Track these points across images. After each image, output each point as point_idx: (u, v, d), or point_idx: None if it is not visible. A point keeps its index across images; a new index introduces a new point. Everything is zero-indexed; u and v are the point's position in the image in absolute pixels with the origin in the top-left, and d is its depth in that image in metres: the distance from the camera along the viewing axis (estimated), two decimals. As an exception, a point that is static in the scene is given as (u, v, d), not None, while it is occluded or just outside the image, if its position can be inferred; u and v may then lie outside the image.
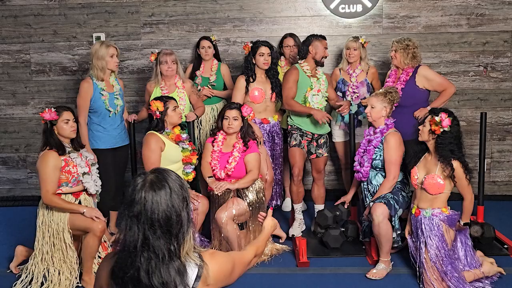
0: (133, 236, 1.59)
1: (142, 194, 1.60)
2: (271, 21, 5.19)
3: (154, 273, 1.56)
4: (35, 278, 3.42)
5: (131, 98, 5.20)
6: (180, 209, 1.62)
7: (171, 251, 1.59)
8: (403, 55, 4.15)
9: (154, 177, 1.64)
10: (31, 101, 5.38)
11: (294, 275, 3.62)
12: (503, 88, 5.15)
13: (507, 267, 3.61)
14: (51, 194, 3.35)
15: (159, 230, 1.58)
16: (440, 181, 3.25)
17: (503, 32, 5.07)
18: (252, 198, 3.80)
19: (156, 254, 1.57)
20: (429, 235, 3.26)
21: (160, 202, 1.59)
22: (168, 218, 1.59)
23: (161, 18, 5.20)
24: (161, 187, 1.61)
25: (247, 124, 3.90)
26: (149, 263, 1.57)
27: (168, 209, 1.60)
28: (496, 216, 4.57)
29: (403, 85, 4.16)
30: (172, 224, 1.60)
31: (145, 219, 1.58)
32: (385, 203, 3.50)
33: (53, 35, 5.26)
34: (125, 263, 1.59)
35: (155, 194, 1.60)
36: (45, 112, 3.43)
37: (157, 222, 1.58)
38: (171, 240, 1.59)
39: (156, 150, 3.76)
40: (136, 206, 1.59)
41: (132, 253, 1.59)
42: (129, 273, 1.58)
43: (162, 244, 1.58)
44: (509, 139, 5.22)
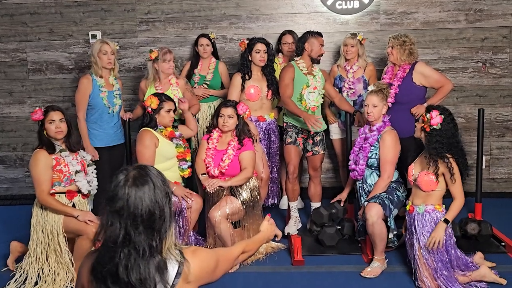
0: (114, 232, 1.58)
1: (125, 190, 1.59)
2: (268, 18, 5.16)
3: (133, 269, 1.55)
4: (29, 278, 3.41)
5: (127, 97, 5.18)
6: (163, 204, 1.62)
7: (152, 247, 1.58)
8: (400, 52, 4.09)
9: (137, 172, 1.63)
10: (28, 100, 5.37)
11: (289, 274, 3.60)
12: (502, 85, 5.10)
13: (505, 265, 3.59)
14: (46, 194, 3.34)
15: (141, 226, 1.57)
16: (432, 178, 3.22)
17: (502, 28, 5.02)
18: (246, 197, 3.78)
19: (136, 250, 1.56)
20: (422, 231, 3.23)
21: (143, 198, 1.58)
22: (152, 213, 1.59)
23: (157, 16, 5.18)
24: (144, 183, 1.61)
25: (243, 122, 3.88)
26: (129, 258, 1.56)
27: (152, 205, 1.59)
28: (495, 214, 4.53)
29: (400, 81, 4.11)
30: (155, 220, 1.59)
31: (128, 214, 1.57)
32: (380, 203, 3.48)
33: (49, 33, 5.25)
34: (105, 258, 1.59)
35: (138, 190, 1.59)
36: (35, 112, 3.43)
37: (140, 217, 1.57)
38: (153, 235, 1.58)
39: (150, 147, 3.75)
40: (118, 202, 1.59)
41: (112, 248, 1.58)
42: (108, 268, 1.57)
43: (143, 239, 1.57)
44: (508, 136, 5.17)
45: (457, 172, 3.21)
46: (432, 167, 3.20)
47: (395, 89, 4.08)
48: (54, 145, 3.43)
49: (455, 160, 3.23)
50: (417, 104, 4.01)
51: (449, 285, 3.17)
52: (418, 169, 3.32)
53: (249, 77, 4.31)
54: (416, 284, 3.31)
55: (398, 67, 4.17)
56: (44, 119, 3.43)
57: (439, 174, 3.21)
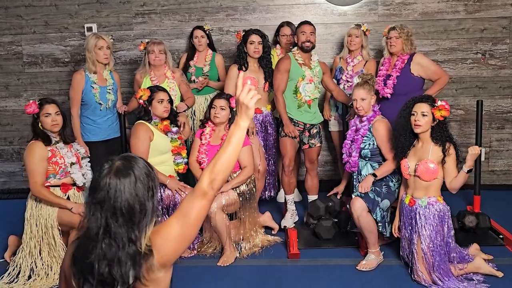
0: (95, 223, 1.57)
1: (107, 181, 1.58)
2: (265, 9, 5.11)
3: (113, 261, 1.54)
4: (22, 272, 3.39)
5: (124, 90, 5.12)
6: (144, 199, 1.60)
7: (132, 240, 1.56)
8: (405, 43, 4.09)
9: (121, 164, 1.61)
10: (24, 93, 5.34)
11: (284, 267, 3.58)
12: (502, 76, 5.05)
13: (503, 257, 3.55)
14: (40, 186, 3.31)
15: (121, 218, 1.56)
16: (433, 166, 3.17)
17: (502, 18, 4.96)
18: (242, 189, 3.75)
19: (116, 241, 1.55)
20: (424, 224, 3.18)
21: (123, 190, 1.56)
22: (131, 207, 1.57)
23: (153, 8, 5.13)
24: (126, 175, 1.58)
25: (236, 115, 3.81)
26: (110, 250, 1.55)
27: (132, 198, 1.57)
28: (494, 206, 4.49)
29: (398, 72, 4.08)
30: (135, 213, 1.57)
31: (108, 206, 1.56)
32: (362, 197, 3.45)
33: (44, 26, 5.21)
34: (86, 249, 1.57)
35: (120, 182, 1.57)
36: (29, 105, 3.39)
37: (119, 210, 1.56)
38: (132, 228, 1.57)
39: (145, 140, 3.72)
40: (100, 193, 1.58)
41: (94, 239, 1.57)
42: (89, 259, 1.56)
43: (123, 232, 1.55)
44: (508, 128, 5.12)
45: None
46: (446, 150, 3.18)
47: (393, 80, 4.04)
48: (49, 137, 3.40)
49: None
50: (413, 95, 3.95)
51: (444, 279, 3.14)
52: (414, 161, 3.27)
53: (245, 68, 4.27)
54: (412, 278, 3.27)
55: (396, 57, 4.13)
56: (39, 112, 3.40)
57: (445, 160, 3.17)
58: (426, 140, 3.25)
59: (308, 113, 4.19)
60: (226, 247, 3.66)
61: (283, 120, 4.13)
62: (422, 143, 3.28)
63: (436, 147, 3.21)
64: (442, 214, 3.19)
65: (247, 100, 1.69)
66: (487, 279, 3.23)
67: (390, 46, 4.12)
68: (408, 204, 3.30)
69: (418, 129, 3.22)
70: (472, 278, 3.23)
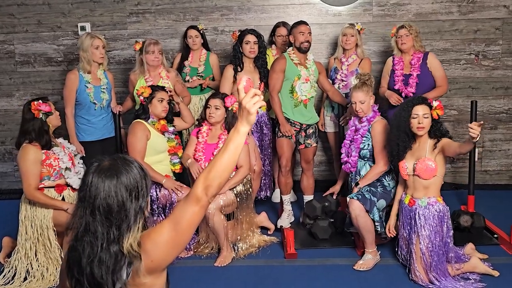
0: (78, 221, 1.59)
1: (90, 178, 1.59)
2: (260, 9, 5.10)
3: (94, 259, 1.54)
4: (18, 274, 3.36)
5: (117, 89, 5.08)
6: (124, 200, 1.57)
7: (110, 239, 1.56)
8: (416, 39, 4.17)
9: (108, 164, 1.61)
10: (16, 93, 5.29)
11: (282, 267, 3.57)
12: (495, 77, 5.09)
13: (497, 256, 3.58)
14: (34, 189, 3.28)
15: (99, 217, 1.56)
16: (432, 164, 3.19)
17: (495, 20, 5.00)
18: (239, 189, 3.74)
19: (95, 239, 1.55)
20: (423, 224, 3.20)
21: (102, 189, 1.56)
22: (109, 206, 1.56)
23: (147, 7, 5.11)
24: (109, 176, 1.58)
25: (232, 114, 3.81)
26: (91, 249, 1.55)
27: (110, 198, 1.56)
28: (488, 206, 4.52)
29: (419, 71, 4.13)
30: (113, 213, 1.56)
31: (88, 204, 1.57)
32: (359, 199, 3.46)
33: (37, 25, 5.16)
34: (73, 248, 1.59)
35: (100, 180, 1.57)
36: (40, 105, 3.32)
37: (97, 208, 1.56)
38: (111, 228, 1.56)
39: (142, 138, 3.72)
40: (83, 190, 1.60)
41: (77, 238, 1.58)
42: (75, 257, 1.57)
43: (100, 229, 1.56)
44: (500, 128, 5.17)
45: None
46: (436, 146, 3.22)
47: (415, 79, 4.11)
48: (51, 141, 3.36)
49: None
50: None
51: (442, 278, 3.16)
52: (411, 161, 3.28)
53: (241, 68, 4.26)
54: (410, 277, 3.29)
55: (410, 56, 4.16)
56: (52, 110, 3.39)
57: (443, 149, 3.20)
58: (424, 139, 3.27)
59: (304, 113, 4.20)
60: (223, 248, 3.65)
61: (279, 120, 4.14)
62: (419, 143, 3.30)
63: (432, 144, 3.23)
64: (442, 215, 3.21)
65: (249, 105, 1.61)
66: (483, 278, 3.26)
67: (402, 43, 4.15)
68: (407, 204, 3.31)
69: (422, 131, 3.23)
70: (468, 278, 3.26)
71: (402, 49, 4.21)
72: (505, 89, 5.10)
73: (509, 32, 5.00)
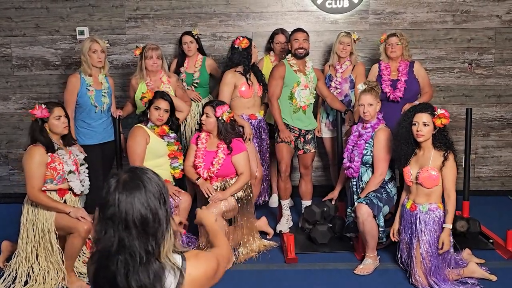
0: (109, 240, 1.53)
1: (116, 196, 1.53)
2: (258, 16, 5.15)
3: (132, 276, 1.50)
4: (19, 277, 3.34)
5: (116, 94, 5.06)
6: (156, 208, 1.56)
7: (149, 252, 1.53)
8: (406, 49, 4.30)
9: (127, 176, 1.57)
10: (13, 96, 5.26)
11: (283, 271, 3.61)
12: (488, 85, 5.20)
13: (493, 261, 3.65)
14: (37, 191, 3.27)
15: (135, 231, 1.52)
16: (434, 173, 3.26)
17: (488, 29, 5.11)
18: (240, 195, 3.77)
19: (132, 256, 1.51)
20: (424, 230, 3.26)
21: (134, 202, 1.52)
22: (144, 218, 1.53)
23: (146, 12, 5.13)
24: (134, 187, 1.54)
25: (222, 123, 3.75)
26: (126, 266, 1.51)
27: (144, 209, 1.53)
28: (481, 211, 4.60)
29: (406, 76, 4.24)
30: (149, 224, 1.53)
31: (120, 220, 1.52)
32: (368, 203, 3.51)
33: (35, 28, 5.15)
34: (103, 267, 1.54)
35: (129, 194, 1.53)
36: (36, 109, 3.31)
37: (132, 222, 1.52)
38: (148, 240, 1.53)
39: (141, 143, 3.74)
40: (110, 208, 1.53)
41: (108, 257, 1.53)
42: (107, 277, 1.53)
43: (138, 245, 1.51)
44: (493, 135, 5.27)
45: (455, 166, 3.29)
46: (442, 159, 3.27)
47: (403, 84, 4.21)
48: (53, 144, 3.35)
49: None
50: (413, 102, 4.10)
51: (441, 283, 3.22)
52: (415, 168, 3.35)
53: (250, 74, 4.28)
54: (410, 281, 3.35)
55: (397, 63, 4.26)
56: (49, 116, 3.35)
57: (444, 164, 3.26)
58: (428, 147, 3.34)
59: (303, 119, 4.25)
60: (224, 252, 3.66)
61: (278, 126, 4.18)
62: (423, 151, 3.36)
63: (436, 154, 3.30)
64: (442, 221, 3.27)
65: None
66: (481, 283, 3.32)
67: (391, 51, 4.24)
68: (409, 209, 3.37)
69: (421, 138, 3.30)
70: (466, 282, 3.32)
71: (390, 57, 4.30)
72: (497, 97, 5.21)
73: (501, 42, 5.12)
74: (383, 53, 4.35)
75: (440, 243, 3.24)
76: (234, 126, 3.83)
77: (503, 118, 5.24)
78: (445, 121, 3.29)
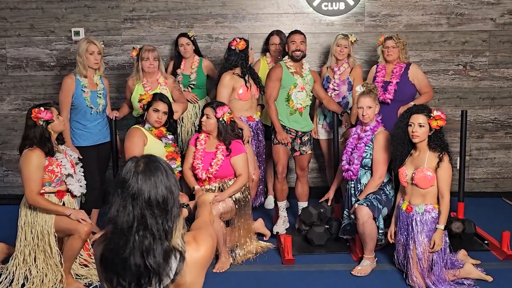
0: (128, 216, 1.56)
1: (138, 176, 1.58)
2: (254, 18, 5.16)
3: (148, 253, 1.54)
4: (16, 280, 3.32)
5: (111, 95, 5.06)
6: (174, 190, 1.62)
7: (166, 231, 1.58)
8: (402, 52, 4.30)
9: (147, 159, 1.64)
10: (7, 97, 5.23)
11: (280, 273, 3.62)
12: (482, 87, 5.24)
13: (489, 262, 3.69)
14: (36, 194, 3.24)
15: (157, 210, 1.57)
16: (430, 174, 3.29)
17: (482, 32, 5.16)
18: (238, 196, 3.77)
19: (152, 233, 1.56)
20: (420, 231, 3.29)
21: (157, 183, 1.58)
22: (165, 198, 1.59)
23: (142, 13, 5.12)
24: (156, 168, 1.61)
25: (223, 124, 3.76)
26: (144, 241, 1.55)
27: (165, 190, 1.60)
28: (475, 213, 4.64)
29: (398, 79, 4.24)
30: (169, 204, 1.60)
31: (142, 200, 1.57)
32: (368, 205, 3.53)
33: (30, 29, 5.12)
34: (118, 245, 1.57)
35: (152, 175, 1.59)
36: (41, 112, 3.27)
37: (155, 201, 1.57)
38: (166, 219, 1.59)
39: (139, 144, 3.74)
40: (131, 188, 1.57)
41: (126, 233, 1.56)
42: (122, 254, 1.55)
43: (158, 223, 1.57)
44: (487, 137, 5.32)
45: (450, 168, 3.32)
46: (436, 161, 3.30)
47: (394, 86, 4.19)
48: (53, 148, 3.34)
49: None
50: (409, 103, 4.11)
51: (438, 283, 3.25)
52: (411, 169, 3.38)
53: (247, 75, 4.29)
54: (407, 282, 3.37)
55: (393, 65, 4.28)
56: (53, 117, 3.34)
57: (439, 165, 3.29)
58: (423, 148, 3.37)
59: (299, 121, 4.26)
60: (222, 254, 3.67)
61: (275, 128, 4.19)
62: (419, 152, 3.39)
63: (432, 155, 3.33)
64: (438, 221, 3.30)
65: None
66: (477, 284, 3.35)
67: (387, 55, 4.26)
68: (405, 210, 3.39)
69: (416, 139, 3.34)
70: (463, 283, 3.35)
71: (387, 60, 4.33)
72: (491, 99, 5.26)
73: (495, 44, 5.16)
74: (381, 55, 4.38)
75: (431, 243, 3.27)
76: (234, 127, 3.84)
77: (497, 120, 5.29)
78: (441, 123, 3.32)
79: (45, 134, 3.30)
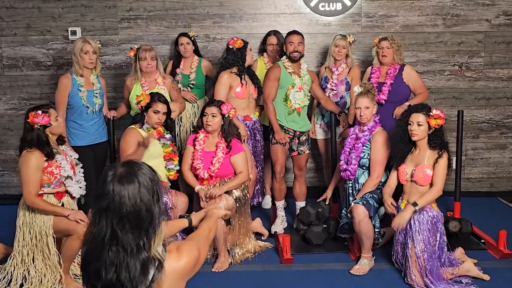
0: (101, 230, 1.56)
1: (111, 187, 1.56)
2: (251, 18, 5.17)
3: (121, 267, 1.53)
4: (14, 280, 3.30)
5: (108, 94, 5.05)
6: (150, 204, 1.59)
7: (140, 246, 1.56)
8: (397, 53, 4.31)
9: (124, 170, 1.60)
10: (3, 97, 5.20)
11: (279, 272, 3.63)
12: (477, 87, 5.28)
13: (485, 261, 3.71)
14: (34, 196, 3.22)
15: (128, 225, 1.55)
16: (429, 171, 3.32)
17: (477, 33, 5.20)
18: (238, 195, 3.78)
19: (124, 248, 1.54)
20: (418, 229, 3.31)
21: (128, 196, 1.55)
22: (137, 212, 1.56)
23: (139, 13, 5.11)
24: (130, 181, 1.57)
25: (229, 122, 3.82)
26: (117, 256, 1.54)
27: (137, 204, 1.56)
28: (471, 212, 4.66)
29: (392, 80, 4.26)
30: (142, 219, 1.57)
31: (114, 213, 1.55)
32: (364, 204, 3.55)
33: (26, 28, 5.10)
34: (92, 255, 1.57)
35: (123, 188, 1.56)
36: (38, 117, 3.21)
37: (126, 216, 1.55)
38: (140, 234, 1.56)
39: (134, 144, 3.71)
40: (105, 200, 1.56)
41: (100, 246, 1.56)
42: (95, 266, 1.55)
43: (130, 238, 1.55)
44: (482, 137, 5.36)
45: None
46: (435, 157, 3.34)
47: (388, 86, 4.21)
48: (53, 151, 3.31)
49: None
50: (403, 103, 4.14)
51: (437, 282, 3.27)
52: (411, 167, 3.40)
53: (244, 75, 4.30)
54: (406, 281, 3.39)
55: (387, 66, 4.30)
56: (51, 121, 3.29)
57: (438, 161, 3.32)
58: (423, 147, 3.40)
59: (297, 121, 4.27)
60: (221, 253, 3.68)
61: (273, 128, 4.20)
62: (419, 150, 3.42)
63: (431, 154, 3.36)
64: (436, 220, 3.33)
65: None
66: (474, 282, 3.38)
67: (382, 56, 4.28)
68: (403, 209, 3.41)
69: (415, 137, 3.37)
70: (461, 281, 3.37)
71: (382, 62, 4.35)
72: (486, 100, 5.30)
73: (491, 45, 5.21)
74: (376, 57, 4.39)
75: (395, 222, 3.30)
76: (234, 125, 3.88)
77: (492, 120, 5.33)
78: (440, 121, 3.35)
79: (42, 138, 3.24)
